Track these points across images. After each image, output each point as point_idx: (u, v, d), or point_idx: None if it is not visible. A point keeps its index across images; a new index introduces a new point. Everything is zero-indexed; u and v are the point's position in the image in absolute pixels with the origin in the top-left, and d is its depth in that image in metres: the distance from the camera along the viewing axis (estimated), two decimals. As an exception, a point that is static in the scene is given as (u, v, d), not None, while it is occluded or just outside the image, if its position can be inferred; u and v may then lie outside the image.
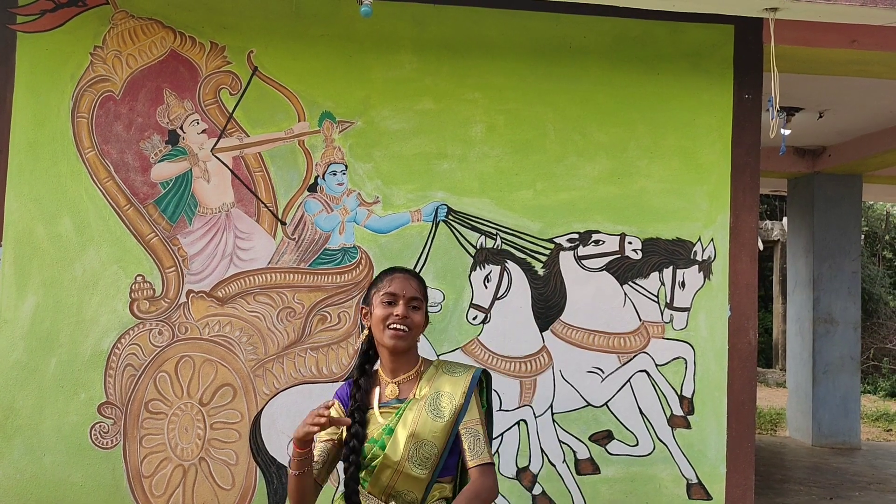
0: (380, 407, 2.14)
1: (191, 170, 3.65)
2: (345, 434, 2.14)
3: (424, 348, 3.65)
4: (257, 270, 3.65)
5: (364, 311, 2.24)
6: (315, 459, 2.12)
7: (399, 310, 2.11)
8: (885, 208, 15.47)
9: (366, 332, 2.21)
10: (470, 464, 2.09)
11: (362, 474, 2.13)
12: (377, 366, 2.24)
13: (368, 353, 2.23)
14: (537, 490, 3.70)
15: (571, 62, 3.82)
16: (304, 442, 2.01)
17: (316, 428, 1.96)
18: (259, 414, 3.61)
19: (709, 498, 3.76)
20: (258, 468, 3.59)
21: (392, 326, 2.11)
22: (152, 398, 3.57)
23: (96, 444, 3.53)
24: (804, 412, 8.00)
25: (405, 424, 2.08)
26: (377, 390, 2.17)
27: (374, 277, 2.31)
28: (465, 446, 2.10)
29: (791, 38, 3.74)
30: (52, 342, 3.54)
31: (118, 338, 3.56)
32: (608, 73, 3.84)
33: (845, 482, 6.36)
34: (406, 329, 2.12)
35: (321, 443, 2.16)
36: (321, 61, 3.71)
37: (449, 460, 2.12)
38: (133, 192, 3.62)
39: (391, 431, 2.09)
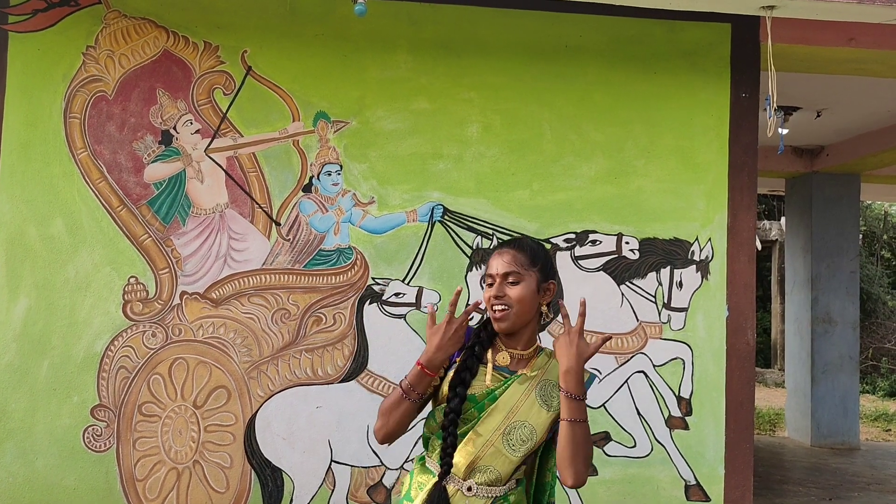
0: (495, 369, 2.01)
1: (184, 170, 3.62)
2: (448, 378, 1.99)
3: (421, 348, 3.63)
4: (252, 272, 3.62)
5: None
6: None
7: (493, 290, 1.98)
8: (882, 208, 15.47)
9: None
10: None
11: (443, 445, 1.98)
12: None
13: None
14: (534, 492, 3.67)
15: (568, 61, 3.80)
16: (437, 365, 1.94)
17: (461, 329, 1.92)
18: (254, 416, 3.58)
19: (707, 499, 3.74)
20: (252, 471, 3.57)
21: (493, 308, 1.98)
22: (146, 401, 3.54)
23: (89, 448, 3.50)
24: (803, 412, 7.99)
25: (511, 396, 1.97)
26: (490, 352, 2.03)
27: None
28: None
29: (788, 37, 3.72)
30: (45, 344, 3.51)
31: (111, 340, 3.53)
32: (604, 72, 3.82)
33: (844, 482, 6.34)
34: (504, 307, 1.97)
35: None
36: (316, 61, 3.69)
37: (541, 452, 2.04)
38: (126, 192, 3.59)
39: (495, 398, 1.96)
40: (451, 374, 2.00)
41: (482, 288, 2.13)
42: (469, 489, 1.95)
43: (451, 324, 1.97)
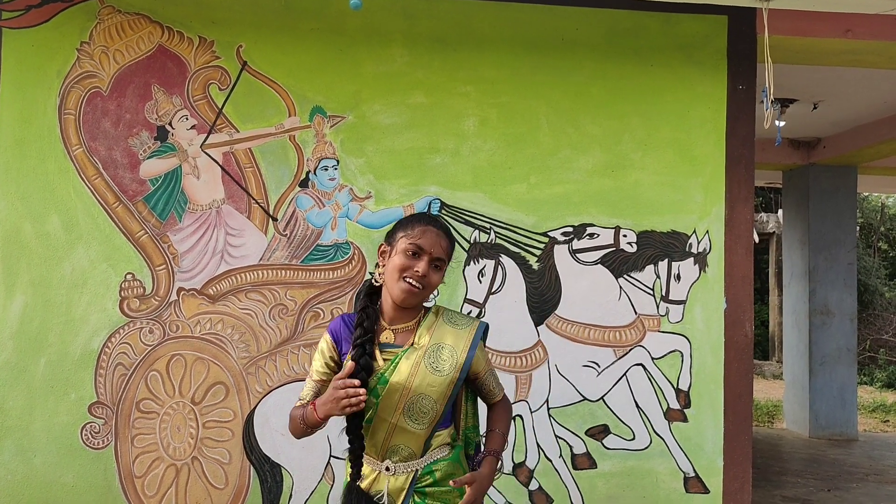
0: (381, 349, 2.00)
1: (180, 166, 3.61)
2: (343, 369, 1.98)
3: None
4: (249, 267, 3.61)
5: (383, 249, 2.07)
6: (308, 399, 2.03)
7: (421, 266, 1.97)
8: (879, 199, 15.49)
9: (380, 269, 2.06)
10: (492, 401, 2.17)
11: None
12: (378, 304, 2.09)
13: (375, 287, 2.07)
14: (534, 485, 3.68)
15: (564, 55, 3.79)
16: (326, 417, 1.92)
17: (349, 410, 1.85)
18: (252, 412, 3.58)
19: (706, 491, 3.75)
20: (251, 467, 3.56)
21: (408, 280, 1.97)
22: (144, 397, 3.53)
23: (87, 445, 3.50)
24: (801, 404, 8.00)
25: (400, 374, 1.96)
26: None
27: (403, 218, 2.14)
28: (487, 390, 2.14)
29: (784, 29, 3.72)
30: (42, 342, 3.50)
31: (108, 337, 3.52)
32: (601, 65, 3.81)
33: (843, 473, 6.36)
34: (421, 288, 1.98)
35: (313, 381, 2.06)
36: (311, 55, 3.67)
37: (447, 415, 2.05)
38: (122, 189, 3.58)
39: (385, 381, 1.96)
40: (348, 362, 1.97)
41: (387, 250, 2.06)
42: (387, 469, 1.98)
43: (341, 382, 1.89)
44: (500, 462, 2.07)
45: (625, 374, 3.75)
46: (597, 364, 3.74)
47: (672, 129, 3.82)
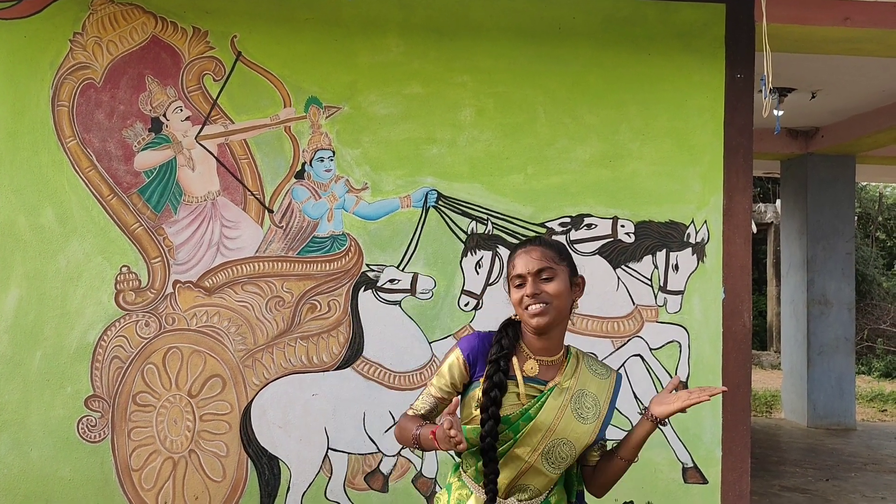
0: (514, 378, 1.92)
1: (175, 158, 3.59)
2: (475, 397, 1.91)
3: (416, 334, 3.62)
4: (245, 259, 3.60)
5: (509, 293, 2.01)
6: (422, 413, 1.98)
7: (528, 289, 1.90)
8: (877, 189, 15.48)
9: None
10: (592, 461, 2.02)
11: (477, 465, 1.92)
12: (521, 337, 2.00)
13: (513, 321, 2.00)
14: (532, 477, 3.67)
15: (561, 44, 3.76)
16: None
17: (451, 449, 1.77)
18: (249, 405, 3.56)
19: (705, 481, 3.74)
20: (249, 459, 3.55)
21: (529, 308, 1.90)
22: (140, 390, 3.52)
23: (84, 438, 3.49)
24: (799, 394, 8.01)
25: (547, 414, 1.89)
26: (515, 361, 1.94)
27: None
28: (596, 443, 2.00)
29: (783, 17, 3.69)
30: (37, 335, 3.49)
31: (104, 330, 3.51)
32: (598, 54, 3.78)
33: (841, 463, 6.37)
34: (543, 304, 1.90)
35: (431, 396, 1.99)
36: (306, 46, 3.65)
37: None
38: (116, 181, 3.55)
39: (530, 419, 1.89)
40: (476, 391, 1.92)
41: (508, 292, 1.99)
42: None
43: (447, 426, 1.77)
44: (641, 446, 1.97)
45: (623, 364, 3.74)
46: (595, 355, 3.72)
47: (670, 118, 3.80)
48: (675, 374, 3.76)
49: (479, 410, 1.89)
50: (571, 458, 1.93)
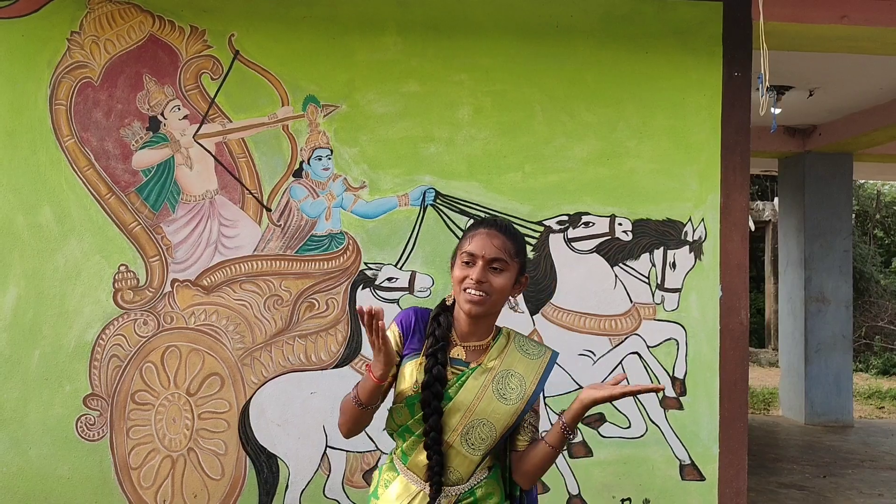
0: (450, 363, 1.89)
1: (173, 157, 3.59)
2: (411, 376, 1.88)
3: (414, 334, 3.62)
4: (243, 258, 3.60)
5: (451, 265, 1.97)
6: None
7: (475, 273, 1.86)
8: (875, 187, 15.50)
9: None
10: (520, 446, 1.93)
11: (403, 446, 1.91)
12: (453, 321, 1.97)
13: (449, 305, 1.96)
14: (530, 474, 3.68)
15: (558, 42, 3.77)
16: (384, 373, 1.79)
17: (377, 341, 1.74)
18: (247, 403, 3.57)
19: (702, 478, 3.75)
20: (247, 457, 3.56)
21: (467, 290, 1.87)
22: (139, 389, 3.53)
23: (82, 437, 3.49)
24: (797, 391, 8.03)
25: (466, 394, 1.86)
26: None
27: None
28: (524, 426, 1.93)
29: (780, 15, 3.69)
30: (35, 334, 3.49)
31: (102, 329, 3.51)
32: (596, 52, 3.79)
33: (838, 460, 6.39)
34: (483, 294, 1.86)
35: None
36: (304, 44, 3.65)
37: (501, 445, 1.94)
38: (114, 180, 3.55)
39: (449, 399, 1.86)
40: (405, 370, 1.90)
41: (451, 263, 1.95)
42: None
43: (385, 342, 1.78)
44: (569, 433, 1.87)
45: (620, 362, 3.75)
46: (592, 353, 3.73)
47: (667, 116, 3.81)
48: (673, 372, 3.77)
49: (415, 391, 1.87)
50: (492, 440, 1.88)
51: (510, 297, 1.96)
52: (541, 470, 1.91)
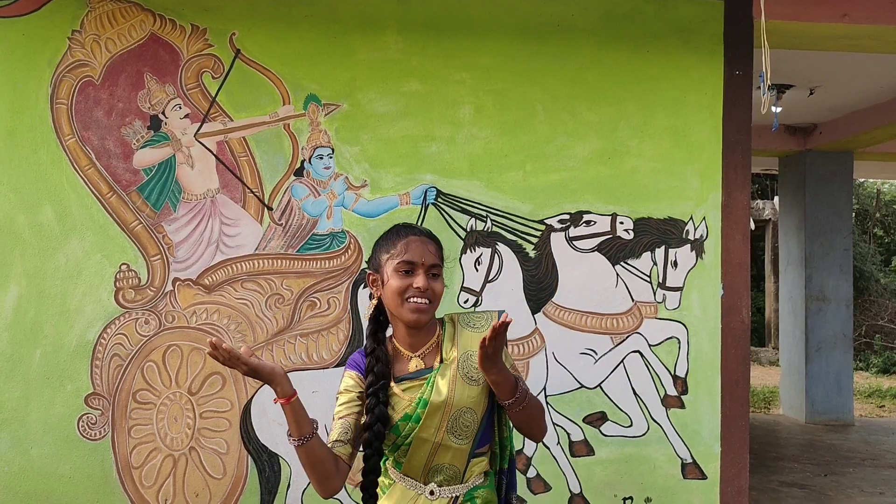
0: (400, 381, 1.88)
1: (174, 155, 3.59)
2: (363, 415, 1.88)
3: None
4: (244, 257, 3.60)
5: (372, 277, 1.92)
6: (337, 437, 1.87)
7: (419, 281, 1.84)
8: (875, 186, 15.50)
9: (374, 301, 1.94)
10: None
11: (395, 455, 1.92)
12: (389, 333, 1.96)
13: (379, 319, 1.94)
14: (532, 473, 3.68)
15: (559, 41, 3.76)
16: (280, 390, 1.78)
17: (220, 359, 1.71)
18: (249, 402, 3.57)
19: (704, 477, 3.75)
20: (249, 457, 3.56)
21: (412, 301, 1.84)
22: (140, 388, 3.52)
23: (84, 436, 3.49)
24: (797, 390, 8.03)
25: (440, 393, 1.86)
26: (394, 366, 1.91)
27: (379, 238, 1.96)
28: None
29: (781, 13, 3.69)
30: (37, 333, 3.49)
31: (104, 328, 3.51)
32: (597, 51, 3.78)
33: (839, 459, 6.39)
34: (428, 302, 1.86)
35: (340, 419, 1.90)
36: (305, 43, 3.64)
37: (487, 425, 1.93)
38: (115, 179, 3.55)
39: (426, 404, 1.86)
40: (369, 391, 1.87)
41: (379, 274, 1.90)
42: (431, 493, 1.90)
43: (245, 363, 1.74)
44: (519, 388, 1.82)
45: (622, 361, 3.75)
46: (594, 351, 3.73)
47: (668, 115, 3.81)
48: (675, 370, 3.77)
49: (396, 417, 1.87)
50: (475, 424, 1.89)
51: None
52: (529, 423, 1.89)
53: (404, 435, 1.88)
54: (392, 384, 1.89)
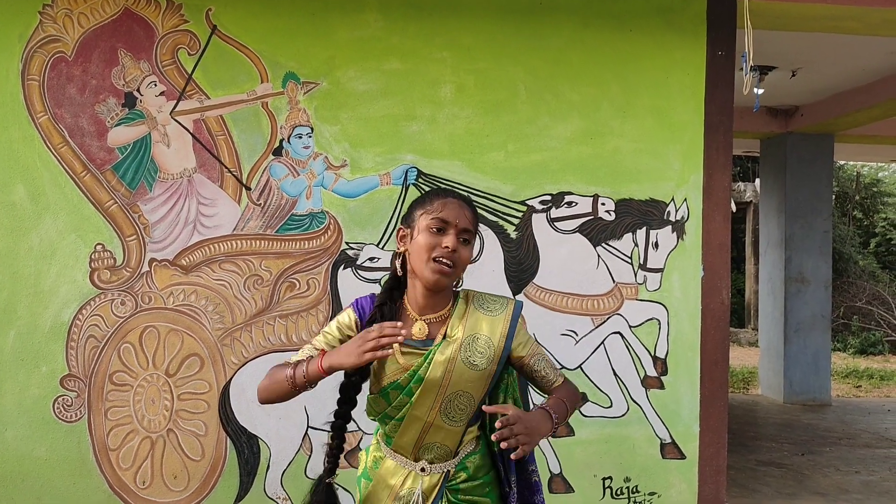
0: (402, 345, 1.82)
1: (149, 134, 3.52)
2: (388, 367, 1.86)
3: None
4: (222, 237, 3.55)
5: (402, 232, 1.89)
6: (300, 359, 1.89)
7: (449, 240, 1.80)
8: (854, 168, 15.62)
9: (400, 257, 1.90)
10: (551, 388, 1.93)
11: (385, 429, 1.91)
12: (404, 295, 1.92)
13: (398, 278, 1.91)
14: (512, 454, 3.69)
15: (542, 20, 3.72)
16: (335, 369, 1.77)
17: (379, 354, 1.71)
18: (228, 384, 3.54)
19: (682, 457, 3.78)
20: (228, 438, 3.53)
21: (438, 259, 1.80)
22: (117, 370, 3.48)
23: (60, 418, 3.44)
24: (776, 370, 8.11)
25: (435, 372, 1.81)
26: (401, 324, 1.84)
27: (417, 198, 1.93)
28: (539, 376, 1.92)
29: (764, -7, 3.67)
30: (10, 314, 3.43)
31: (79, 309, 3.45)
32: (580, 30, 3.75)
33: (816, 438, 6.47)
34: (452, 265, 1.81)
35: (315, 347, 1.93)
36: (283, 20, 3.58)
37: (482, 406, 1.88)
38: (89, 157, 3.48)
39: (420, 380, 1.82)
40: (377, 362, 1.84)
41: (410, 230, 1.87)
42: (422, 469, 1.89)
43: (378, 330, 1.73)
44: (555, 421, 1.81)
45: (602, 342, 3.75)
46: (574, 333, 3.73)
47: (651, 95, 3.79)
48: (655, 351, 3.78)
49: (390, 381, 1.85)
50: (471, 408, 1.87)
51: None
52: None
53: (395, 406, 1.86)
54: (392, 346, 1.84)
